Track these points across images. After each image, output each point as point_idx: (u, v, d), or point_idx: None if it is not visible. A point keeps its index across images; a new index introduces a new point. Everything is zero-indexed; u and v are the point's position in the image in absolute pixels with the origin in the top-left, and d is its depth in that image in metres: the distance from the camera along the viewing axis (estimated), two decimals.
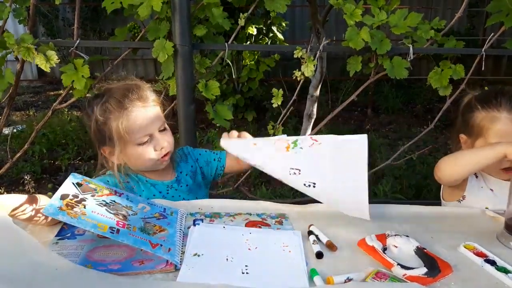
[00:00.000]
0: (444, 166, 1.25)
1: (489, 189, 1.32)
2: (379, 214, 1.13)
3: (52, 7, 6.42)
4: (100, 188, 1.04)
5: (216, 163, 1.39)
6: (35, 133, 2.07)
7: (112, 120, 1.16)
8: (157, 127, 1.20)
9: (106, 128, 1.17)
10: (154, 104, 1.22)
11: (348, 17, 1.75)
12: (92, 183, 1.05)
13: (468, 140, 1.32)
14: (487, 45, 1.90)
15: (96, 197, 1.00)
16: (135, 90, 1.19)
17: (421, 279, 0.82)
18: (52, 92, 6.57)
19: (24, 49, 1.71)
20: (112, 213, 0.96)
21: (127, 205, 1.03)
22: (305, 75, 1.87)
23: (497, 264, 0.89)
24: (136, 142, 1.17)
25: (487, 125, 1.24)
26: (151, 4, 1.68)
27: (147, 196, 1.21)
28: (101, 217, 0.92)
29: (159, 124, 1.21)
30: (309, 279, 0.84)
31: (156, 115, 1.20)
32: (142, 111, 1.17)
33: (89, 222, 0.88)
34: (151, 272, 0.85)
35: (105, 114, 1.16)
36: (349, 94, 4.37)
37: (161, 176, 1.30)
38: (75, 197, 0.96)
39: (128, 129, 1.15)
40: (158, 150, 1.20)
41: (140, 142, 1.17)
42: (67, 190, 0.97)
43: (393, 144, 4.30)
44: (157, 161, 1.22)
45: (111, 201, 1.01)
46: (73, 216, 0.88)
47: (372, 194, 3.25)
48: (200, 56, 1.91)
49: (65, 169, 3.58)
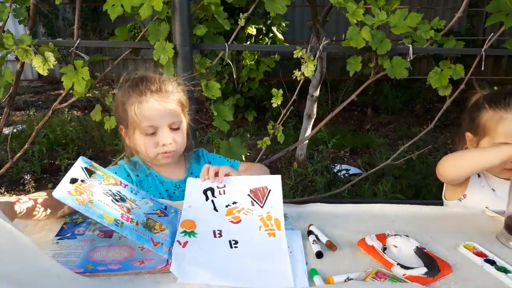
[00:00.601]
0: (447, 164, 1.25)
1: (491, 189, 1.31)
2: (379, 214, 1.14)
3: (52, 7, 6.43)
4: (107, 177, 1.02)
5: None
6: (35, 133, 2.07)
7: (129, 103, 1.21)
8: (166, 123, 1.22)
9: (124, 109, 1.23)
10: (173, 101, 1.24)
11: (350, 16, 1.75)
12: (99, 170, 1.02)
13: (473, 138, 1.32)
14: (487, 45, 1.90)
15: (103, 185, 0.98)
16: (159, 83, 1.23)
17: (421, 279, 0.82)
18: (52, 92, 6.58)
19: (22, 51, 1.71)
20: (117, 204, 0.94)
21: (131, 198, 1.01)
22: (305, 75, 1.87)
23: (497, 264, 0.89)
24: (142, 130, 1.21)
25: (494, 125, 1.23)
26: (152, 4, 1.68)
27: (153, 194, 1.22)
28: (107, 208, 0.90)
29: (170, 121, 1.22)
30: (309, 278, 0.84)
31: (169, 112, 1.22)
32: (156, 103, 1.20)
33: (96, 211, 0.86)
34: (151, 272, 0.85)
35: (126, 96, 1.23)
36: (349, 94, 4.37)
37: (172, 174, 1.32)
38: (83, 183, 0.93)
39: (138, 116, 1.19)
40: (160, 145, 1.22)
41: (146, 132, 1.21)
42: (76, 174, 0.94)
43: (393, 144, 4.31)
44: (157, 156, 1.24)
45: (117, 192, 0.99)
46: (81, 202, 0.86)
47: (372, 194, 3.27)
48: (200, 56, 1.91)
49: (65, 169, 3.58)
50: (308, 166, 3.59)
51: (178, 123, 1.25)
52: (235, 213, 1.04)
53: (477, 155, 1.21)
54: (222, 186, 1.08)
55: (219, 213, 1.03)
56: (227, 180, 1.08)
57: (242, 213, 1.03)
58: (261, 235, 0.97)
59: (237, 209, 1.04)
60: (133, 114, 1.20)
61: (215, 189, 1.08)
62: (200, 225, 0.99)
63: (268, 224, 1.00)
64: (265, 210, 1.03)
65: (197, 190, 1.08)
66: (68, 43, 1.89)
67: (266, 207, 1.04)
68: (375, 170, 2.30)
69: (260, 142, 2.09)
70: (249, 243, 0.95)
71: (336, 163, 3.77)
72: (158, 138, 1.22)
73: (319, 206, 1.17)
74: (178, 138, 1.25)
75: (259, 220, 1.01)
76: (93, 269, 0.85)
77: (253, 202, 1.05)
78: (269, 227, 0.99)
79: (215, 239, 0.95)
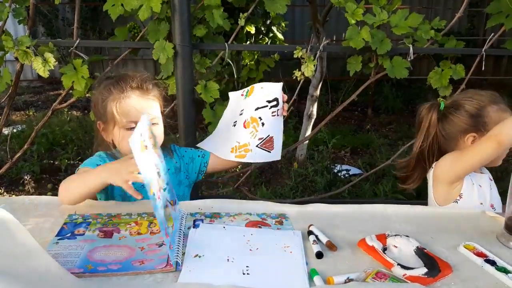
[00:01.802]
0: (504, 128, 1.24)
1: (478, 185, 1.37)
2: (379, 214, 1.14)
3: (52, 7, 6.43)
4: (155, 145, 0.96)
5: (200, 160, 1.44)
6: (34, 133, 2.07)
7: (110, 100, 1.25)
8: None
9: (104, 105, 1.26)
10: (152, 98, 1.29)
11: (350, 16, 1.75)
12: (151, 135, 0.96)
13: (477, 137, 1.36)
14: (487, 45, 1.90)
15: (152, 152, 0.92)
16: (139, 80, 1.27)
17: (421, 279, 0.82)
18: (52, 92, 6.58)
19: (22, 52, 1.71)
20: (156, 179, 0.89)
21: (162, 177, 0.95)
22: (305, 75, 1.87)
23: (497, 264, 0.89)
24: (123, 126, 1.24)
25: (499, 116, 1.33)
26: (150, 5, 1.68)
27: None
28: (152, 178, 0.85)
29: (150, 116, 1.25)
30: (309, 279, 0.84)
31: (150, 108, 1.27)
32: (137, 99, 1.25)
33: (145, 178, 0.82)
34: (151, 272, 0.85)
35: (107, 93, 1.26)
36: (349, 94, 4.38)
37: None
38: (145, 143, 0.88)
39: (119, 112, 1.23)
40: None
41: (127, 127, 1.24)
42: (144, 131, 0.89)
43: (393, 144, 4.30)
44: None
45: (157, 165, 0.93)
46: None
47: (372, 194, 3.27)
48: (200, 56, 1.91)
49: (64, 169, 3.58)
50: (308, 166, 3.59)
51: (157, 118, 1.30)
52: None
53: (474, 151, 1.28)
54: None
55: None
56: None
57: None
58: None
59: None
60: (114, 110, 1.23)
61: None
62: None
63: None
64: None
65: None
66: (68, 43, 1.89)
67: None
68: (375, 170, 2.30)
69: None
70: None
71: (336, 163, 3.77)
72: None
73: (319, 206, 1.17)
74: (157, 132, 1.29)
75: None
76: (93, 269, 0.85)
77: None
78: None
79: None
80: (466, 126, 1.37)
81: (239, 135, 1.37)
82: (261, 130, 1.34)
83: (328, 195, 2.45)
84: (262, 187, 3.30)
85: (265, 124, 1.33)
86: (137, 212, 1.09)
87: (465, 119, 1.37)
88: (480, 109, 1.35)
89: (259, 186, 3.37)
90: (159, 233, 0.97)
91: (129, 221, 1.05)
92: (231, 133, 1.41)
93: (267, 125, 1.33)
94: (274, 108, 1.32)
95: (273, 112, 1.32)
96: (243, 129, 1.37)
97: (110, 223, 1.04)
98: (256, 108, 1.34)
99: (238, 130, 1.38)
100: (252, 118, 1.35)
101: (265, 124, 1.33)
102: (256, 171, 3.51)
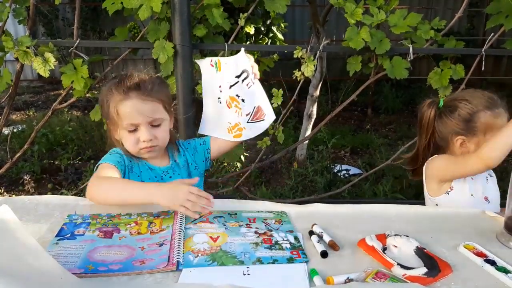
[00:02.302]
0: (492, 151, 1.27)
1: (470, 178, 1.41)
2: (379, 214, 1.14)
3: (52, 7, 6.43)
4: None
5: (202, 147, 1.45)
6: (35, 133, 2.07)
7: (111, 101, 1.25)
8: (146, 120, 1.25)
9: (107, 106, 1.26)
10: (154, 99, 1.26)
11: (349, 16, 1.75)
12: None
13: (466, 139, 1.42)
14: (487, 45, 1.90)
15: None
16: (139, 81, 1.26)
17: (421, 279, 0.82)
18: (52, 92, 6.57)
19: (22, 52, 1.71)
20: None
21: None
22: (305, 75, 1.87)
23: (497, 264, 0.89)
24: (124, 127, 1.25)
25: (492, 121, 1.37)
26: (150, 5, 1.68)
27: (144, 179, 1.31)
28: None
29: (150, 118, 1.25)
30: (309, 279, 0.84)
31: (150, 109, 1.25)
32: (137, 101, 1.23)
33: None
34: (151, 272, 0.85)
35: (109, 94, 1.26)
36: (349, 94, 4.38)
37: (159, 162, 1.37)
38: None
39: (119, 113, 1.23)
40: (141, 141, 1.26)
41: (127, 128, 1.25)
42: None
43: (393, 144, 4.30)
44: (140, 150, 1.28)
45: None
46: None
47: (372, 194, 3.27)
48: (199, 56, 1.91)
49: (64, 169, 3.58)
50: (308, 166, 3.59)
51: (160, 120, 1.28)
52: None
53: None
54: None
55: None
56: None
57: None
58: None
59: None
60: (114, 111, 1.24)
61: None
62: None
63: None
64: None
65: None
66: (68, 43, 1.89)
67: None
68: (375, 170, 2.30)
69: (260, 142, 2.09)
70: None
71: (336, 163, 3.77)
72: (139, 134, 1.25)
73: (319, 206, 1.17)
74: (160, 133, 1.28)
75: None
76: (93, 269, 0.85)
77: None
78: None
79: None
80: (457, 129, 1.42)
81: (227, 116, 1.39)
82: (243, 106, 1.34)
83: (328, 195, 2.45)
84: (262, 187, 3.30)
85: (245, 99, 1.33)
86: (137, 212, 1.09)
87: (456, 122, 1.42)
88: (473, 114, 1.39)
89: (259, 186, 3.37)
90: (159, 233, 0.97)
91: (129, 221, 1.05)
92: (220, 111, 1.41)
93: (247, 99, 1.33)
94: (246, 80, 1.31)
95: (247, 84, 1.32)
96: (228, 110, 1.38)
97: (110, 223, 1.04)
98: (230, 86, 1.35)
99: (225, 110, 1.39)
100: (231, 98, 1.36)
101: (245, 99, 1.33)
102: (256, 171, 3.51)
